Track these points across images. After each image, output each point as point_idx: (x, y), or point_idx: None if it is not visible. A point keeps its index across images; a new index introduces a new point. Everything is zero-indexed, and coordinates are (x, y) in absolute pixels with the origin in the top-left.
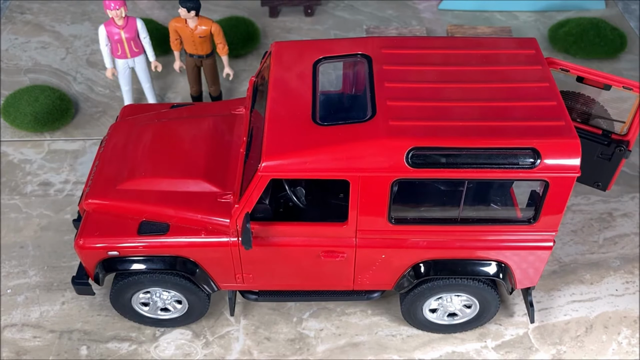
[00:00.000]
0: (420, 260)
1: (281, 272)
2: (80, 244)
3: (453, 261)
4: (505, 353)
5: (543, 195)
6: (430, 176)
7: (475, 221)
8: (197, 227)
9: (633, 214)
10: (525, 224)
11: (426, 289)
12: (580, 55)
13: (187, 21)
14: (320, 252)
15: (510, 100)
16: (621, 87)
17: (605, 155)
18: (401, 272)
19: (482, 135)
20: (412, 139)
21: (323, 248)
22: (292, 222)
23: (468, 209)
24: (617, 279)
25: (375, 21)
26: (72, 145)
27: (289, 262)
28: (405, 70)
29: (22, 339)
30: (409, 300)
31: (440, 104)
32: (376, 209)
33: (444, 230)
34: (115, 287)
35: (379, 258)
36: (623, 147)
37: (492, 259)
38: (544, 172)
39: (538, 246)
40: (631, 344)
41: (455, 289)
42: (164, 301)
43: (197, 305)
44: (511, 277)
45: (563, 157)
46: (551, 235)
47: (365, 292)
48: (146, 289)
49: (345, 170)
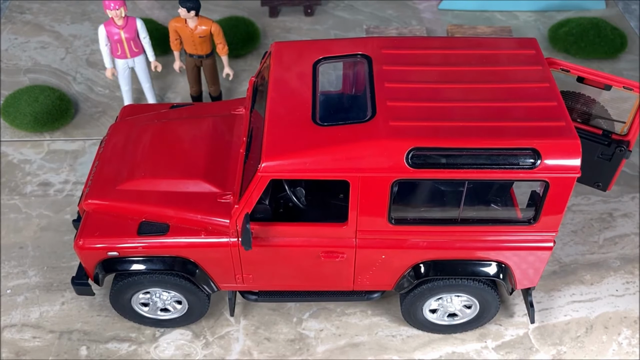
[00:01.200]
0: (420, 261)
1: (281, 273)
2: (80, 244)
3: (453, 262)
4: (506, 353)
5: (543, 195)
6: (430, 177)
7: (475, 222)
8: (197, 227)
9: (633, 214)
10: (525, 224)
11: (426, 289)
12: (580, 55)
13: (187, 21)
14: (320, 252)
15: (510, 101)
16: (621, 88)
17: (606, 156)
18: (401, 273)
19: (483, 135)
20: (412, 140)
21: (323, 248)
22: (292, 222)
23: (468, 210)
24: (618, 279)
25: (376, 21)
26: (71, 146)
27: (288, 262)
28: (405, 70)
29: (21, 339)
30: (409, 301)
31: (440, 105)
32: (376, 210)
33: (444, 230)
34: (115, 288)
35: (379, 258)
36: (623, 147)
37: (492, 260)
38: (544, 172)
39: (538, 246)
40: (631, 345)
41: (455, 290)
42: (163, 302)
43: (197, 305)
44: (511, 278)
45: (563, 158)
46: (551, 235)
47: (365, 292)
48: (146, 289)
49: (345, 171)
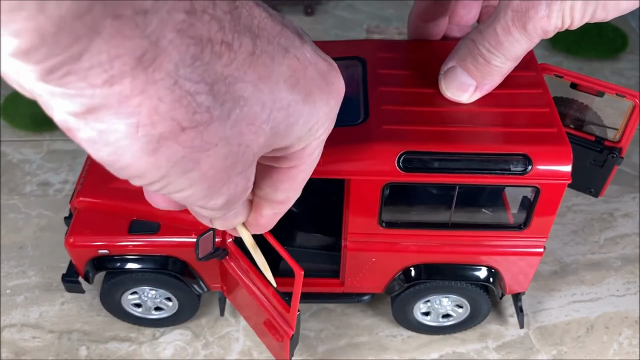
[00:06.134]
0: (410, 264)
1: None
2: (71, 241)
3: (443, 265)
4: (506, 354)
5: (534, 201)
6: (422, 180)
7: (465, 226)
8: (187, 227)
9: (634, 214)
10: (515, 229)
11: (415, 291)
12: (580, 55)
13: None
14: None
15: (502, 106)
16: (614, 94)
17: (598, 162)
18: (391, 276)
19: (474, 140)
20: (403, 143)
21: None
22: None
23: (459, 214)
24: (618, 279)
25: (376, 21)
26: (71, 146)
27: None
28: (399, 74)
29: (21, 339)
30: (399, 303)
31: (433, 109)
32: (367, 213)
33: (434, 234)
34: (105, 286)
35: (369, 261)
36: (615, 154)
37: (482, 264)
38: (535, 178)
39: (528, 252)
40: (632, 345)
41: (444, 291)
42: (153, 300)
43: (187, 305)
44: (501, 283)
45: (554, 164)
46: (542, 241)
47: (356, 294)
48: (135, 287)
49: (336, 174)
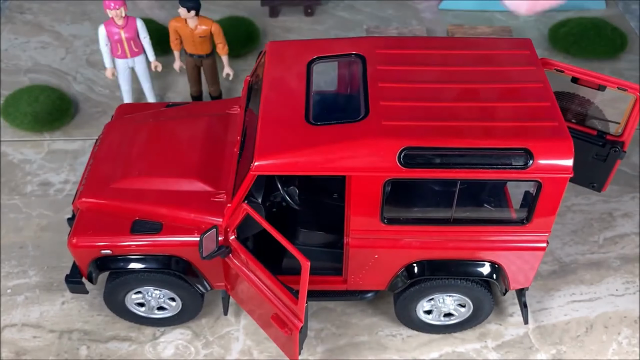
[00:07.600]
0: (413, 261)
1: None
2: (74, 242)
3: (446, 262)
4: (505, 353)
5: (536, 195)
6: (423, 176)
7: (468, 221)
8: (190, 226)
9: (633, 214)
10: (518, 224)
11: (419, 289)
12: (580, 55)
13: (187, 21)
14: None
15: (503, 101)
16: (615, 88)
17: (600, 156)
18: (394, 273)
19: (475, 135)
20: (404, 139)
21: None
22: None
23: (461, 210)
24: (618, 279)
25: (376, 21)
26: (71, 145)
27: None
28: (399, 70)
29: (22, 339)
30: (403, 301)
31: (433, 104)
32: (369, 209)
33: (437, 230)
34: (109, 286)
35: (372, 258)
36: (618, 148)
37: (485, 260)
38: (537, 172)
39: (531, 247)
40: (631, 344)
41: (448, 290)
42: (157, 300)
43: (191, 304)
44: (504, 278)
45: (556, 158)
46: (544, 235)
47: (359, 292)
48: (139, 287)
49: (338, 170)
